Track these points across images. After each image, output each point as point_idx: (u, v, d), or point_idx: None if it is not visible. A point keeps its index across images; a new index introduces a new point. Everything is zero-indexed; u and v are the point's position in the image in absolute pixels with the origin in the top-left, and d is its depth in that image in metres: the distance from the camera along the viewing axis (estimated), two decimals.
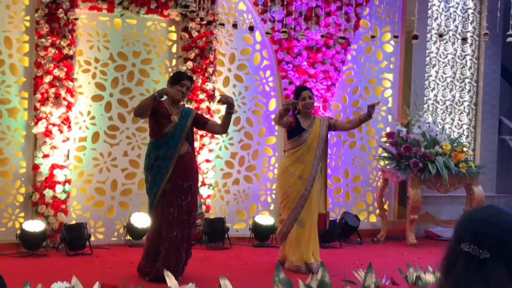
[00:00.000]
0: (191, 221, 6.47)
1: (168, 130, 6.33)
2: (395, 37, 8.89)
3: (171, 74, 6.84)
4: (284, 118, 6.85)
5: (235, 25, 7.83)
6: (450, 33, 9.99)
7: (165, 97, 6.41)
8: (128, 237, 8.09)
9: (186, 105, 7.09)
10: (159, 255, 6.34)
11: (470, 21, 10.11)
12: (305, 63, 8.91)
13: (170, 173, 6.32)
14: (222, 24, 8.17)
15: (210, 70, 8.42)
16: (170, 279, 4.56)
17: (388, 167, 9.02)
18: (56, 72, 7.74)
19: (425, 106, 9.77)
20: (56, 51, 7.75)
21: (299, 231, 6.99)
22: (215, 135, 8.33)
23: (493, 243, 2.21)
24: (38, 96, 7.72)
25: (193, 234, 6.67)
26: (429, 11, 9.80)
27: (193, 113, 6.63)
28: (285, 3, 8.59)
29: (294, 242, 7.02)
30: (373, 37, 8.79)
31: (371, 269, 4.87)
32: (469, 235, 2.24)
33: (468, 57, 10.14)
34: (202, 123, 6.65)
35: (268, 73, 8.95)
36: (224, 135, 8.53)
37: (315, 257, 6.93)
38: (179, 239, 6.34)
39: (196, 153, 7.10)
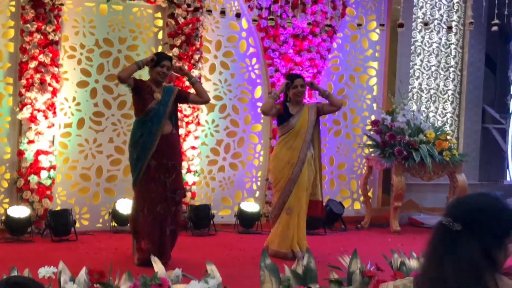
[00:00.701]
0: (176, 199, 6.61)
1: (152, 106, 6.45)
2: (381, 25, 8.97)
3: (152, 55, 6.84)
4: (272, 108, 6.96)
5: (223, 12, 7.82)
6: (435, 22, 10.03)
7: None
8: (113, 223, 8.09)
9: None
10: (143, 233, 6.46)
11: (455, 10, 10.15)
12: (291, 51, 8.94)
13: (154, 150, 6.44)
14: (209, 11, 8.18)
15: (196, 57, 8.42)
16: (157, 264, 4.57)
17: (372, 154, 9.08)
18: (41, 57, 7.72)
19: (410, 94, 9.83)
20: (42, 37, 7.72)
21: (287, 219, 7.02)
22: (201, 122, 8.43)
23: (465, 217, 2.33)
24: (23, 81, 7.70)
25: (179, 212, 6.83)
26: (415, 0, 9.83)
27: (176, 89, 6.84)
28: None
29: (281, 229, 7.05)
30: (359, 25, 8.84)
31: (356, 255, 4.90)
32: (449, 209, 2.41)
33: (452, 46, 10.19)
34: (184, 97, 6.82)
35: (254, 60, 8.97)
36: (209, 121, 8.62)
37: (301, 244, 6.97)
38: (162, 215, 6.47)
39: (180, 136, 7.14)
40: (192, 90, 7.02)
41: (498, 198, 2.43)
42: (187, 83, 7.62)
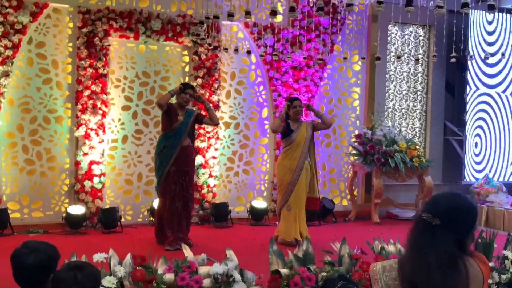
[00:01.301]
0: (189, 197, 6.81)
1: (176, 125, 6.66)
2: (362, 58, 9.00)
3: (178, 85, 6.94)
4: (280, 127, 7.07)
5: (236, 50, 7.90)
6: (405, 55, 10.04)
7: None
8: (151, 218, 8.06)
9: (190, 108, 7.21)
10: (166, 223, 6.70)
11: (421, 45, 10.16)
12: (290, 79, 8.95)
13: (174, 159, 6.63)
14: (226, 49, 8.25)
15: (216, 85, 8.44)
16: (186, 250, 4.58)
17: (356, 161, 9.05)
18: (93, 87, 7.76)
19: (386, 113, 9.80)
20: (93, 71, 7.77)
21: (287, 214, 7.04)
22: (219, 137, 8.49)
23: (443, 213, 2.37)
24: (79, 106, 7.74)
25: (191, 207, 6.99)
26: (389, 38, 9.84)
27: (195, 113, 6.99)
28: (275, 32, 8.66)
29: (284, 223, 7.07)
30: (344, 58, 8.87)
31: (345, 242, 4.89)
32: (428, 206, 2.44)
33: (419, 74, 10.19)
34: (200, 120, 6.98)
35: (261, 87, 8.96)
36: (226, 136, 8.64)
37: (303, 234, 6.94)
38: (179, 209, 6.71)
39: (195, 148, 7.36)
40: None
41: (467, 197, 2.48)
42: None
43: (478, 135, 10.49)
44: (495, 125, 10.65)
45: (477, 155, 10.49)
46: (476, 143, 10.44)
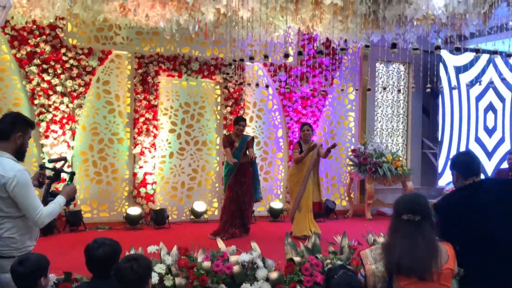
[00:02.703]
0: (246, 200, 6.95)
1: (234, 151, 6.87)
2: (356, 90, 8.95)
3: (234, 118, 7.26)
4: (302, 159, 6.98)
5: (257, 84, 7.90)
6: (390, 86, 9.97)
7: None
8: (192, 217, 8.11)
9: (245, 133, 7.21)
10: (227, 219, 6.89)
11: (402, 78, 10.08)
12: (300, 107, 8.93)
13: (235, 171, 6.84)
14: (249, 84, 8.28)
15: (241, 112, 8.45)
16: (220, 243, 4.55)
17: (353, 170, 8.98)
18: (147, 115, 7.81)
19: (375, 132, 9.73)
20: (147, 102, 7.83)
21: (299, 214, 7.00)
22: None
23: (421, 211, 2.60)
24: (136, 130, 7.79)
25: (248, 211, 7.09)
26: (376, 73, 9.79)
27: (248, 138, 7.07)
28: (287, 69, 8.67)
29: (296, 222, 7.03)
30: (342, 90, 8.84)
31: (345, 235, 4.84)
32: (407, 210, 2.61)
33: (401, 101, 10.10)
34: (248, 146, 7.02)
35: (277, 113, 8.94)
36: None
37: (313, 230, 6.85)
38: (236, 211, 6.92)
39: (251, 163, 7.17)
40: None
41: (425, 197, 2.72)
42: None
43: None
44: (468, 139, 10.52)
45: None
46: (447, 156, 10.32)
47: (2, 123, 3.03)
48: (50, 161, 3.67)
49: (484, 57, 10.10)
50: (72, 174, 3.38)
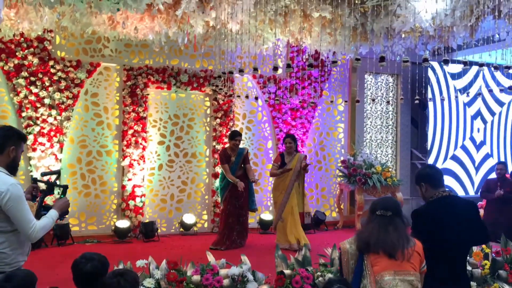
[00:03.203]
0: (243, 213, 7.09)
1: (230, 165, 7.01)
2: (345, 101, 9.00)
3: (229, 133, 7.27)
4: (276, 174, 7.13)
5: (247, 96, 7.94)
6: (379, 98, 10.04)
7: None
8: (181, 229, 8.06)
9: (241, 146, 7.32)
10: (225, 231, 7.00)
11: (391, 90, 10.15)
12: (289, 118, 8.95)
13: (232, 184, 6.94)
14: (238, 96, 8.29)
15: (231, 124, 8.44)
16: (209, 256, 4.51)
17: (342, 181, 8.97)
18: (135, 127, 7.79)
19: (364, 143, 9.77)
20: (136, 114, 7.81)
21: (282, 225, 7.05)
22: None
23: (393, 209, 3.00)
24: (124, 142, 7.76)
25: (245, 221, 7.23)
26: (365, 85, 9.85)
27: (244, 152, 7.19)
28: (277, 81, 8.71)
29: (279, 231, 7.08)
30: (331, 101, 8.88)
31: (335, 247, 4.83)
32: (380, 207, 3.01)
33: (390, 113, 10.17)
34: (244, 161, 7.17)
35: (266, 125, 8.95)
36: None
37: (300, 240, 6.87)
38: (234, 223, 7.04)
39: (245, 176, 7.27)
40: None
41: (395, 199, 3.42)
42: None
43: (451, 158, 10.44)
44: (456, 151, 10.60)
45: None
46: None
47: None
48: (43, 174, 3.63)
49: (474, 68, 10.21)
50: (65, 188, 3.36)
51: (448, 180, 10.39)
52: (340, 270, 3.09)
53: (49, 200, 4.16)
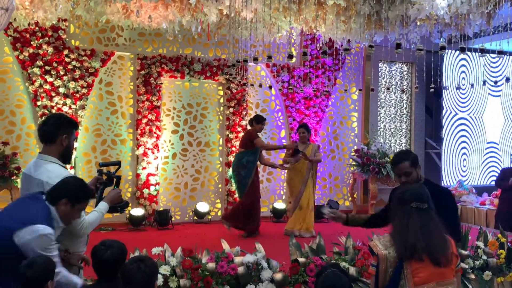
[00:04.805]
0: (257, 199, 7.12)
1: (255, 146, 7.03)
2: (359, 90, 8.95)
3: (256, 117, 7.25)
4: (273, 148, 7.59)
5: (260, 85, 7.92)
6: (393, 86, 9.98)
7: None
8: (195, 217, 8.12)
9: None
10: (256, 216, 7.03)
11: (405, 78, 10.09)
12: (302, 107, 8.93)
13: (255, 170, 6.97)
14: (252, 85, 8.28)
15: (244, 113, 8.45)
16: (224, 244, 4.55)
17: (356, 171, 8.98)
18: (149, 116, 7.83)
19: (378, 132, 9.73)
20: (149, 103, 7.84)
21: (298, 212, 7.13)
22: None
23: (427, 198, 2.71)
24: (139, 131, 7.81)
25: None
26: (379, 73, 9.80)
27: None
28: (290, 70, 8.68)
29: (294, 217, 7.15)
30: (345, 90, 8.85)
31: (349, 236, 4.86)
32: (414, 198, 2.67)
33: (404, 101, 10.11)
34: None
35: (279, 114, 8.96)
36: None
37: (310, 228, 7.05)
38: (258, 209, 7.10)
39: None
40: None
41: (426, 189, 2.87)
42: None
43: (463, 148, 10.36)
44: (471, 141, 10.51)
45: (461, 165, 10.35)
46: (462, 155, 10.31)
47: (46, 125, 2.98)
48: (103, 164, 3.50)
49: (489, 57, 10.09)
50: (118, 179, 3.33)
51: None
52: (375, 279, 2.69)
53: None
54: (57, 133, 2.93)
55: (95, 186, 3.26)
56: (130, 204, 3.29)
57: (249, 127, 7.54)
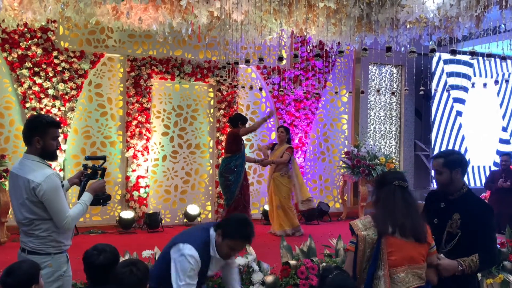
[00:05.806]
0: (247, 203, 6.93)
1: (243, 149, 6.89)
2: (349, 92, 8.98)
3: (240, 117, 7.10)
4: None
5: (250, 87, 7.92)
6: (383, 88, 10.03)
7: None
8: (185, 220, 8.08)
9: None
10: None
11: (395, 81, 10.15)
12: (293, 109, 8.94)
13: (244, 174, 6.84)
14: (243, 87, 8.28)
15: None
16: None
17: (346, 173, 8.97)
18: (139, 118, 7.79)
19: (368, 134, 9.77)
20: (139, 105, 7.80)
21: (272, 214, 7.39)
22: None
23: (406, 178, 2.89)
24: (128, 133, 7.76)
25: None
26: (369, 75, 9.84)
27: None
28: (281, 72, 8.69)
29: (273, 219, 7.34)
30: (335, 92, 8.87)
31: (340, 238, 4.87)
32: (396, 178, 2.85)
33: (394, 104, 10.17)
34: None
35: None
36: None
37: (284, 227, 7.20)
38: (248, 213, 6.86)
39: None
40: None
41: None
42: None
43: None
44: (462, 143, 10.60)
45: None
46: None
47: (24, 128, 3.09)
48: (88, 158, 3.52)
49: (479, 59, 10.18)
50: (103, 170, 3.35)
51: None
52: (354, 256, 2.83)
53: None
54: (29, 135, 3.02)
55: (79, 179, 3.31)
56: (111, 198, 3.31)
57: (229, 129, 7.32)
